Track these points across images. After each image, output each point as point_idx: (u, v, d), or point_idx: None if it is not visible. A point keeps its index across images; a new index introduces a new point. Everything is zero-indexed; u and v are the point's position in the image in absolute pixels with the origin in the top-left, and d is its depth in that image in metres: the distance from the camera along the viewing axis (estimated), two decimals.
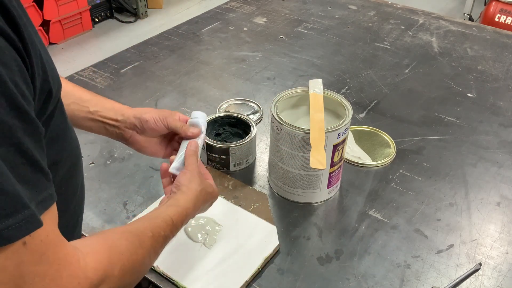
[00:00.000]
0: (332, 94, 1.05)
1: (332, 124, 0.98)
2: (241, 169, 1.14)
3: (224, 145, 1.10)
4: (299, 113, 1.06)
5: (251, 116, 1.30)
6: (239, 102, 1.37)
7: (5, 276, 0.47)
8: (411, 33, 1.78)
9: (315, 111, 0.99)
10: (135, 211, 1.03)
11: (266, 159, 1.17)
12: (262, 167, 1.16)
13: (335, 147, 0.98)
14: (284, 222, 1.01)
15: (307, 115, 1.03)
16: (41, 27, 3.26)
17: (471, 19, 3.43)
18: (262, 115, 1.32)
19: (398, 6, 2.00)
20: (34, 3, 3.14)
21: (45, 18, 3.28)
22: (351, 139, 1.23)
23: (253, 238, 0.96)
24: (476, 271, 0.91)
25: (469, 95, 1.44)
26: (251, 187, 1.09)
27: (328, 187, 1.04)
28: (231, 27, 1.81)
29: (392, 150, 1.20)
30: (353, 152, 1.19)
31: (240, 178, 1.12)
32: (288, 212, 1.04)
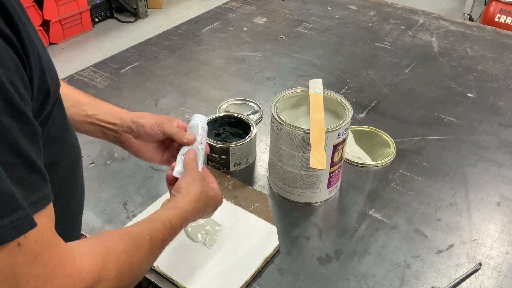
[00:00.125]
0: (332, 94, 1.05)
1: (332, 124, 0.98)
2: (241, 169, 1.14)
3: (224, 145, 1.10)
4: (299, 113, 1.06)
5: (251, 116, 1.30)
6: (239, 102, 1.37)
7: None
8: (411, 33, 1.78)
9: (315, 111, 0.99)
10: (135, 211, 1.03)
11: (266, 159, 1.17)
12: (262, 167, 1.16)
13: (335, 147, 0.98)
14: (284, 222, 1.01)
15: (307, 115, 1.03)
16: (41, 27, 3.26)
17: (471, 19, 3.43)
18: (262, 115, 1.32)
19: (398, 6, 2.00)
20: (34, 3, 3.14)
21: (45, 18, 3.28)
22: (351, 139, 1.23)
23: (253, 238, 0.96)
24: (476, 271, 0.91)
25: (469, 95, 1.44)
26: (251, 187, 1.09)
27: (328, 187, 1.04)
28: (231, 27, 1.81)
29: (392, 150, 1.20)
30: (353, 152, 1.19)
31: (240, 178, 1.12)
32: (288, 212, 1.04)
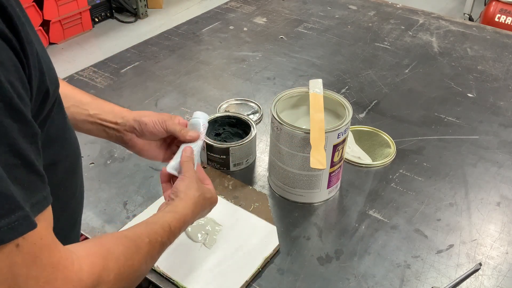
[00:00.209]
0: (332, 94, 1.05)
1: (332, 124, 0.98)
2: (241, 169, 1.14)
3: (224, 145, 1.10)
4: (299, 113, 1.06)
5: (251, 116, 1.30)
6: (239, 102, 1.37)
7: None
8: (411, 33, 1.78)
9: (315, 111, 0.99)
10: (135, 211, 1.03)
11: (266, 159, 1.17)
12: (262, 167, 1.16)
13: (335, 147, 0.98)
14: (284, 222, 1.01)
15: (307, 115, 1.03)
16: (41, 27, 3.26)
17: (471, 19, 3.43)
18: (262, 115, 1.32)
19: (398, 6, 2.00)
20: (34, 3, 3.14)
21: (45, 18, 3.28)
22: (351, 139, 1.23)
23: (253, 238, 0.96)
24: (476, 271, 0.91)
25: (469, 95, 1.44)
26: (251, 187, 1.09)
27: (328, 187, 1.04)
28: (231, 27, 1.81)
29: (392, 150, 1.20)
30: (353, 152, 1.19)
31: (240, 178, 1.12)
32: (288, 212, 1.04)
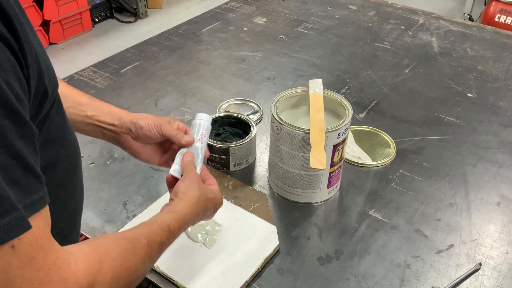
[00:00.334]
0: (332, 94, 1.05)
1: (332, 124, 0.98)
2: (241, 169, 1.14)
3: (224, 145, 1.10)
4: (299, 113, 1.06)
5: (251, 116, 1.30)
6: (239, 102, 1.37)
7: None
8: (411, 33, 1.78)
9: (315, 111, 0.99)
10: (135, 211, 1.03)
11: (266, 159, 1.17)
12: (262, 167, 1.16)
13: (335, 147, 0.98)
14: (284, 222, 1.01)
15: (307, 115, 1.03)
16: (41, 27, 3.26)
17: (471, 19, 3.43)
18: (262, 115, 1.32)
19: (398, 6, 2.00)
20: (34, 3, 3.14)
21: (45, 18, 3.28)
22: (351, 139, 1.23)
23: (253, 238, 0.96)
24: (476, 271, 0.91)
25: (469, 95, 1.44)
26: (251, 187, 1.09)
27: (328, 187, 1.04)
28: (231, 27, 1.81)
29: (392, 150, 1.20)
30: (353, 152, 1.19)
31: (240, 178, 1.12)
32: (288, 212, 1.04)
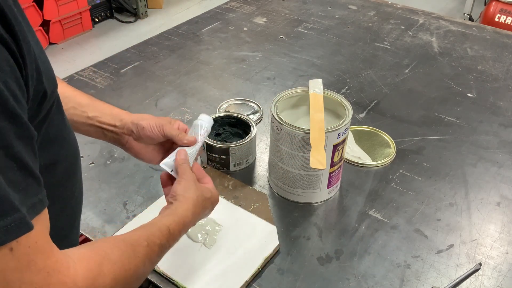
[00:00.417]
0: (332, 94, 1.05)
1: (332, 124, 0.98)
2: (241, 169, 1.14)
3: (224, 145, 1.10)
4: (299, 113, 1.06)
5: (251, 116, 1.30)
6: (239, 102, 1.37)
7: None
8: (411, 33, 1.78)
9: (315, 111, 0.99)
10: (135, 211, 1.03)
11: (266, 159, 1.17)
12: (262, 167, 1.16)
13: (335, 147, 0.98)
14: (284, 222, 1.01)
15: (307, 115, 1.03)
16: (41, 27, 3.26)
17: (471, 19, 3.43)
18: (262, 115, 1.32)
19: (398, 6, 2.00)
20: (34, 3, 3.14)
21: (45, 18, 3.27)
22: (351, 139, 1.23)
23: (253, 238, 0.96)
24: (476, 271, 0.91)
25: (469, 95, 1.44)
26: (251, 187, 1.09)
27: (328, 187, 1.04)
28: (231, 27, 1.81)
29: (392, 150, 1.20)
30: (353, 152, 1.19)
31: (240, 178, 1.12)
32: (288, 212, 1.04)
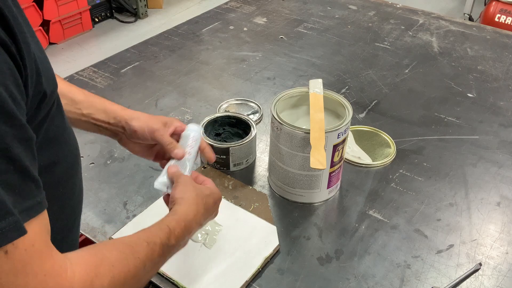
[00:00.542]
0: (332, 94, 1.05)
1: (332, 124, 0.98)
2: (241, 169, 1.14)
3: (224, 145, 1.10)
4: (299, 113, 1.06)
5: (251, 116, 1.30)
6: (239, 102, 1.37)
7: None
8: (411, 33, 1.78)
9: (315, 111, 0.99)
10: (135, 211, 1.03)
11: (266, 159, 1.17)
12: (262, 167, 1.16)
13: (335, 147, 0.98)
14: (284, 222, 1.01)
15: (307, 115, 1.03)
16: (41, 27, 3.26)
17: (471, 19, 3.43)
18: (262, 115, 1.32)
19: (398, 6, 2.00)
20: (34, 3, 3.14)
21: (45, 18, 3.27)
22: (351, 139, 1.23)
23: (253, 238, 0.96)
24: (476, 271, 0.91)
25: (469, 95, 1.44)
26: (251, 187, 1.09)
27: (328, 187, 1.04)
28: (231, 27, 1.81)
29: (392, 150, 1.20)
30: (353, 152, 1.19)
31: (240, 178, 1.12)
32: (288, 212, 1.04)
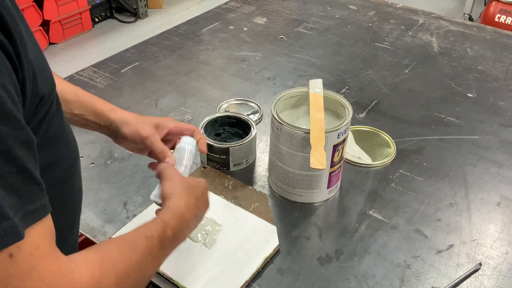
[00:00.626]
0: (332, 94, 1.05)
1: (332, 124, 0.98)
2: (241, 169, 1.14)
3: (224, 145, 1.10)
4: (299, 113, 1.06)
5: (251, 116, 1.30)
6: (239, 102, 1.37)
7: None
8: (411, 33, 1.78)
9: (315, 111, 0.99)
10: (135, 211, 1.03)
11: (266, 159, 1.17)
12: (262, 167, 1.16)
13: (335, 147, 0.98)
14: (284, 222, 1.01)
15: (307, 115, 1.03)
16: (41, 27, 3.26)
17: (471, 19, 3.43)
18: (262, 115, 1.32)
19: (398, 6, 2.00)
20: (34, 3, 3.14)
21: (45, 18, 3.27)
22: (351, 139, 1.23)
23: (253, 238, 0.96)
24: (476, 271, 0.91)
25: (469, 95, 1.44)
26: (251, 187, 1.09)
27: (328, 187, 1.04)
28: (231, 27, 1.81)
29: (392, 150, 1.20)
30: (353, 152, 1.19)
31: (240, 178, 1.12)
32: (288, 212, 1.04)
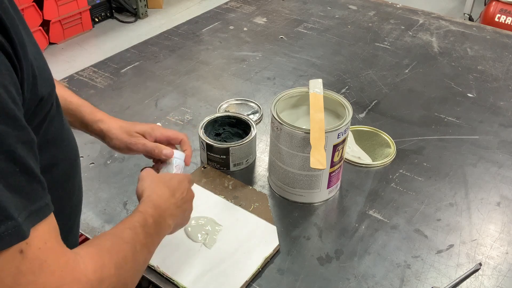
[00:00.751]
0: (332, 94, 1.05)
1: (332, 124, 0.98)
2: (241, 169, 1.14)
3: (224, 145, 1.10)
4: (299, 113, 1.06)
5: (251, 116, 1.30)
6: (239, 102, 1.37)
7: None
8: (411, 33, 1.78)
9: (315, 111, 0.99)
10: None
11: (266, 159, 1.17)
12: (262, 167, 1.16)
13: (335, 147, 0.98)
14: (284, 222, 1.01)
15: (307, 115, 1.03)
16: (41, 27, 3.25)
17: (471, 19, 3.43)
18: (262, 115, 1.32)
19: (398, 6, 2.00)
20: (34, 3, 3.14)
21: (45, 18, 3.27)
22: (351, 139, 1.23)
23: (253, 238, 0.96)
24: (476, 271, 0.91)
25: (469, 95, 1.44)
26: (251, 187, 1.09)
27: (328, 187, 1.04)
28: (231, 27, 1.81)
29: (392, 150, 1.20)
30: (353, 152, 1.19)
31: (240, 178, 1.12)
32: (288, 212, 1.04)
